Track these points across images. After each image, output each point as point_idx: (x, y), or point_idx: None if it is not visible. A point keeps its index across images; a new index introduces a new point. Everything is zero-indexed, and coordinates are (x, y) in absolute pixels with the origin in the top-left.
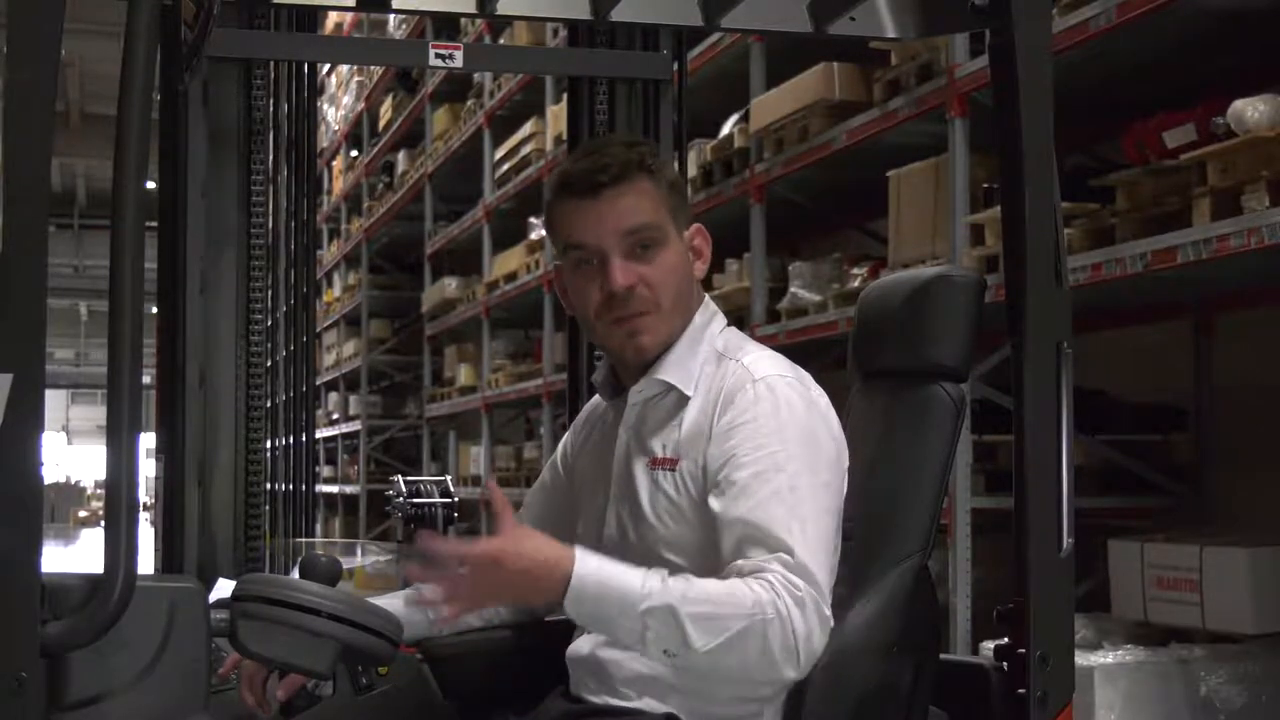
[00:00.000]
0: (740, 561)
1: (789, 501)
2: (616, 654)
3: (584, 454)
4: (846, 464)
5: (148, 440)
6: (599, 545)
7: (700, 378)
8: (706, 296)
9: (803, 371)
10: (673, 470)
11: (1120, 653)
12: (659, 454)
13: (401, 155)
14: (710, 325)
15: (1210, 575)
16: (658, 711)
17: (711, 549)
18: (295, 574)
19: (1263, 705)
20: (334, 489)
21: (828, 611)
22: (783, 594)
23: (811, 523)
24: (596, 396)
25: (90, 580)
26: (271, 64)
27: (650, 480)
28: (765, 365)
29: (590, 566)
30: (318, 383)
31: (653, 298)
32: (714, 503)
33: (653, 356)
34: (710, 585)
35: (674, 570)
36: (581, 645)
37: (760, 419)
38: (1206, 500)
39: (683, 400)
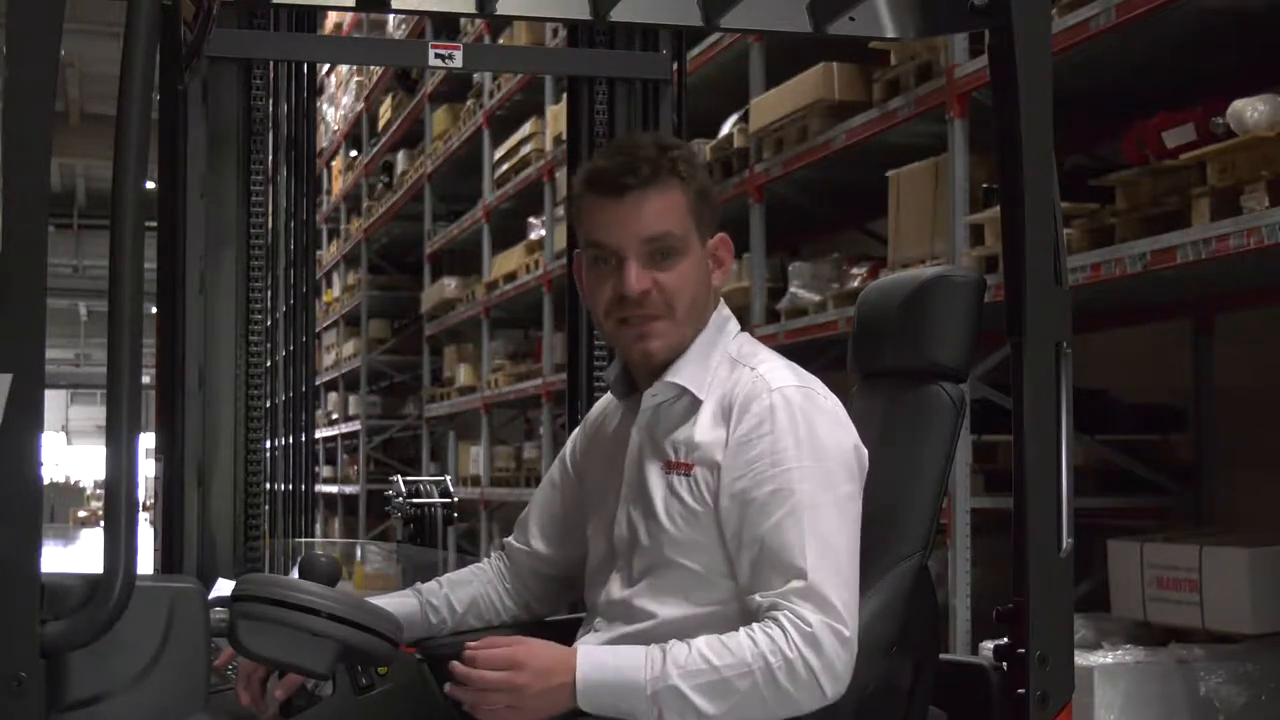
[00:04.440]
0: (757, 596)
1: (806, 520)
2: None
3: (594, 453)
4: (866, 468)
5: (147, 440)
6: (610, 545)
7: (713, 382)
8: (722, 300)
9: (816, 380)
10: (688, 475)
11: (1120, 653)
12: (673, 458)
13: (401, 155)
14: (725, 329)
15: (1210, 575)
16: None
17: (723, 552)
18: (295, 574)
19: (1262, 705)
20: (334, 489)
21: (847, 631)
22: (790, 632)
23: (831, 538)
24: (608, 394)
25: (90, 580)
26: (271, 64)
27: (665, 484)
28: (780, 375)
29: (591, 665)
30: (317, 383)
31: (665, 304)
32: (731, 519)
33: (660, 362)
34: (711, 647)
35: (683, 574)
36: (588, 643)
37: (777, 432)
38: (1206, 500)
39: (696, 404)
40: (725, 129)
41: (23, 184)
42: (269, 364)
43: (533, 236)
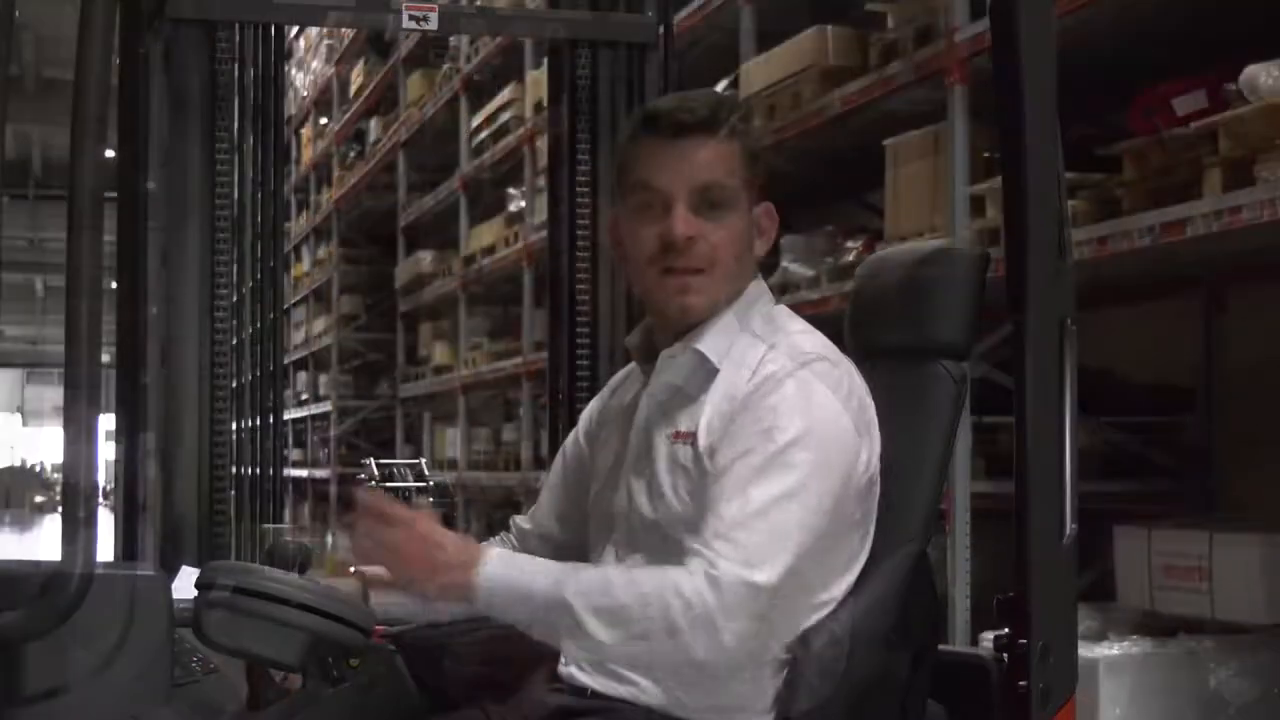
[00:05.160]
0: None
1: (760, 479)
2: None
3: (606, 422)
4: (868, 454)
5: (107, 422)
6: (608, 514)
7: (733, 354)
8: (759, 274)
9: (839, 354)
10: (690, 444)
11: (1126, 644)
12: (681, 428)
13: (373, 123)
14: (756, 304)
15: (1220, 563)
16: (651, 696)
17: None
18: (263, 562)
19: (1275, 698)
20: (303, 473)
21: (759, 578)
22: (695, 574)
23: (780, 500)
24: (630, 365)
25: (47, 569)
26: (236, 26)
27: (670, 454)
28: (798, 349)
29: (500, 561)
30: (286, 362)
31: (710, 255)
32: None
33: (696, 319)
34: (619, 575)
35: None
36: None
37: (771, 403)
38: (1216, 485)
39: (711, 375)
40: None
41: None
42: (234, 342)
43: (512, 208)
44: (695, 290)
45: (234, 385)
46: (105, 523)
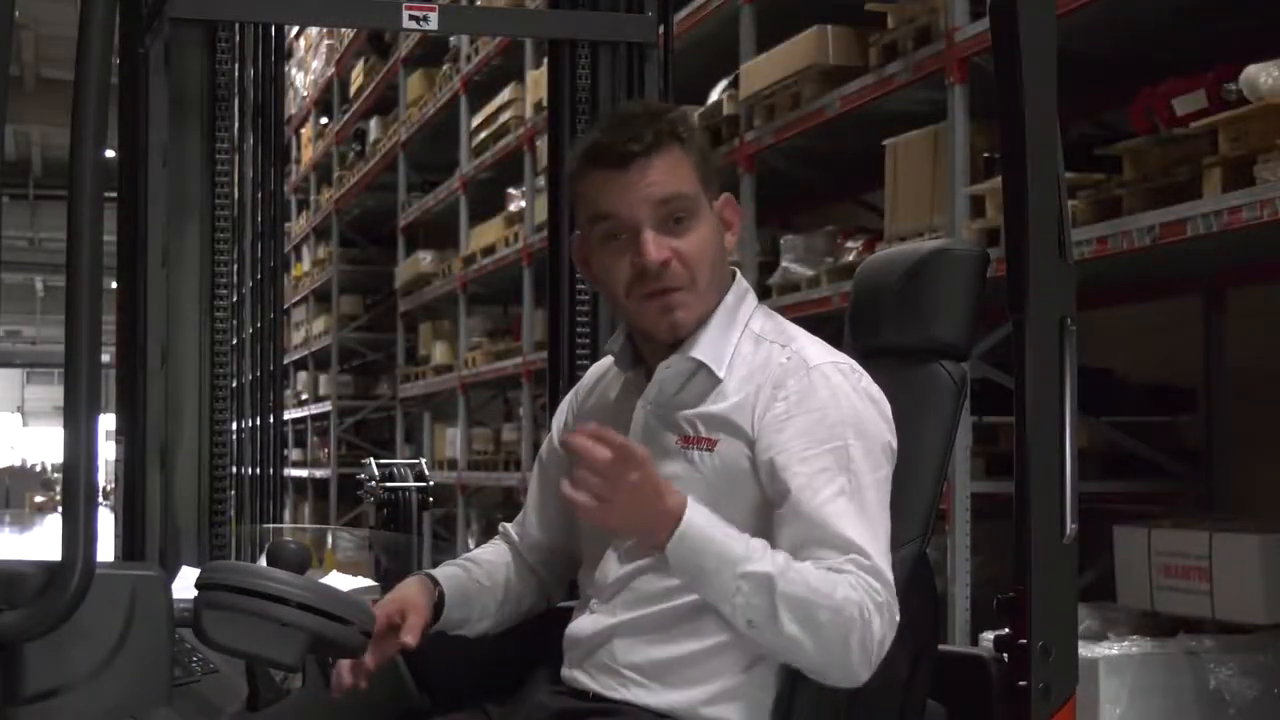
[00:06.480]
0: (809, 564)
1: (856, 500)
2: (624, 638)
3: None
4: (896, 452)
5: (107, 422)
6: (606, 532)
7: (734, 359)
8: (738, 272)
9: (849, 358)
10: (711, 451)
11: (1126, 644)
12: (692, 433)
13: (373, 123)
14: (745, 301)
15: (1220, 563)
16: (653, 700)
17: (742, 529)
18: (262, 561)
19: (1275, 698)
20: (303, 473)
21: (897, 616)
22: (866, 597)
23: (878, 521)
24: (596, 366)
25: (47, 568)
26: (237, 26)
27: (684, 459)
28: (815, 352)
29: (701, 511)
30: (286, 361)
31: (687, 273)
32: (776, 496)
33: (686, 332)
34: (809, 569)
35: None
36: (584, 625)
37: (820, 410)
38: (1216, 484)
39: (714, 380)
40: (714, 95)
41: None
42: (235, 342)
43: (512, 208)
44: (680, 305)
45: (234, 385)
46: (105, 523)
